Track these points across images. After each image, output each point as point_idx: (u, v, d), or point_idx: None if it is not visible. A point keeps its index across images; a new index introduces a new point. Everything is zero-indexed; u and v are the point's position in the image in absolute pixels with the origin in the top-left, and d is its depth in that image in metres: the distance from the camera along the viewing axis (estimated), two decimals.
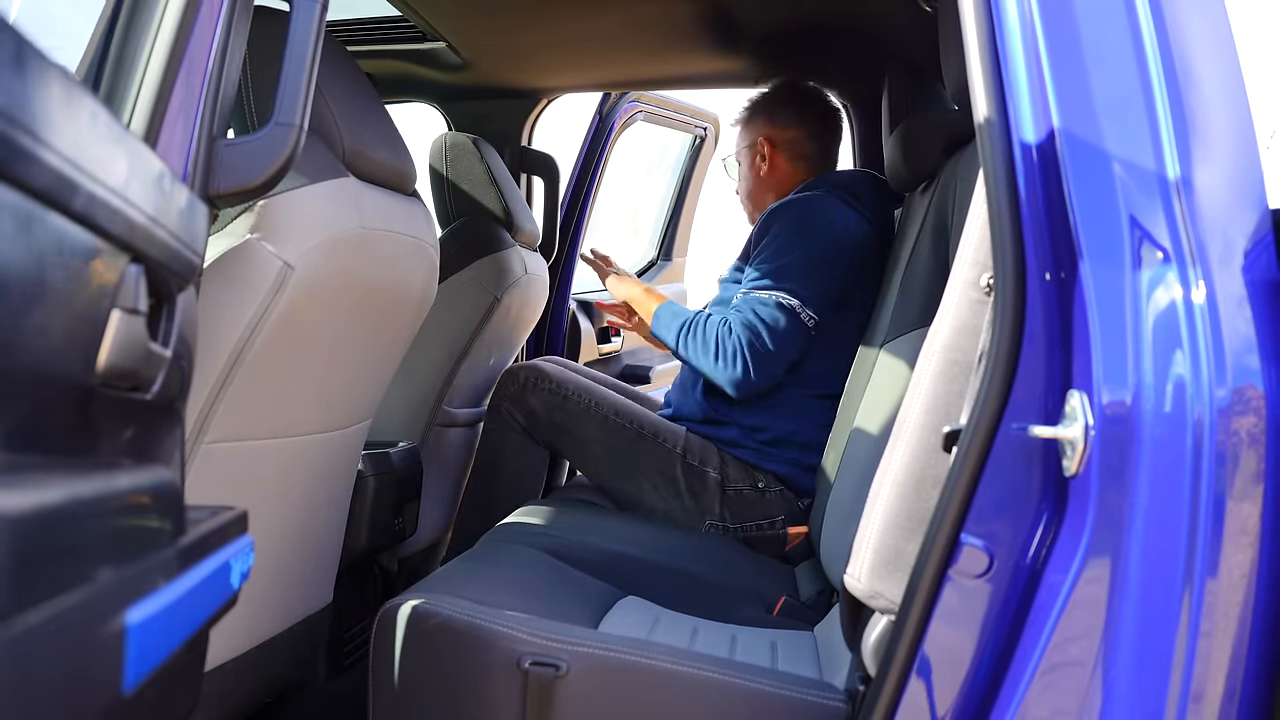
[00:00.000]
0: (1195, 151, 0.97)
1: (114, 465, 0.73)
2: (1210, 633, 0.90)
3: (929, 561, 1.01)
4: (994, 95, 1.02)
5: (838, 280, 2.06)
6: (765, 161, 2.36)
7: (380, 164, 1.45)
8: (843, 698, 1.20)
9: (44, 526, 0.54)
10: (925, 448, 1.09)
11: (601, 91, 3.04)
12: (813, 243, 2.06)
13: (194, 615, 0.79)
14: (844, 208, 2.13)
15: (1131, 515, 0.91)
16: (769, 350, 2.00)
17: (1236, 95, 1.00)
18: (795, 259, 2.05)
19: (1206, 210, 0.95)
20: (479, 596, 1.35)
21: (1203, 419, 0.90)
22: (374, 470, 1.85)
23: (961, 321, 1.09)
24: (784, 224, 2.10)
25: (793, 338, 2.02)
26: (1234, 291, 0.93)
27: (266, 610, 1.48)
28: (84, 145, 0.61)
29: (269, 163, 1.01)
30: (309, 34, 1.02)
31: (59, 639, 0.55)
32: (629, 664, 1.20)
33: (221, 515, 0.89)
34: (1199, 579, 0.90)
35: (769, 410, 2.09)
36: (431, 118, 2.91)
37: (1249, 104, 0.99)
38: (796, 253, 2.05)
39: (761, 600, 1.71)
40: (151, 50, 0.89)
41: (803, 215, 2.10)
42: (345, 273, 1.33)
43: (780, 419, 2.08)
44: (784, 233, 2.09)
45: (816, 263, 2.05)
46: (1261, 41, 1.48)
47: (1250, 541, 0.91)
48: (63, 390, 0.66)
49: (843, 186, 2.20)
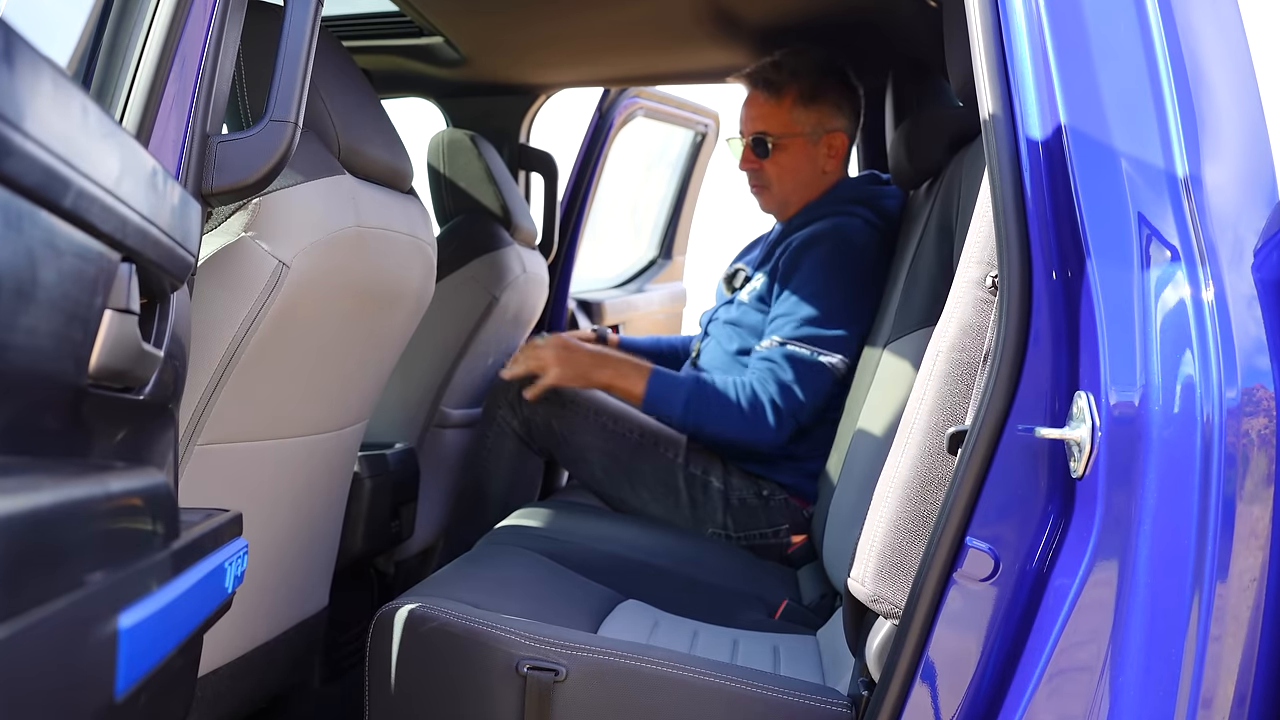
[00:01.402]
0: (1205, 148, 0.96)
1: (106, 467, 0.72)
2: (1220, 637, 0.89)
3: (933, 565, 1.00)
4: (1000, 91, 1.01)
5: (872, 310, 1.98)
6: (833, 157, 2.14)
7: (376, 161, 1.44)
8: (846, 703, 1.18)
9: (35, 529, 0.53)
10: (930, 449, 1.08)
11: (601, 87, 3.02)
12: (850, 278, 1.97)
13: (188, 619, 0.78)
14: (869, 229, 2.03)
15: (1140, 518, 0.90)
16: (801, 405, 1.95)
17: (1248, 91, 0.99)
18: (836, 304, 1.95)
19: (1216, 208, 0.94)
20: (477, 600, 1.34)
21: (1212, 420, 0.89)
22: (370, 472, 1.83)
23: (967, 321, 1.08)
24: (821, 256, 1.98)
25: (825, 391, 1.96)
26: (1244, 291, 0.92)
27: (261, 614, 1.47)
28: (75, 142, 0.60)
29: (264, 160, 1.00)
30: (304, 29, 1.01)
31: (50, 643, 0.54)
32: (629, 668, 1.19)
33: (216, 518, 0.88)
34: (1209, 582, 0.89)
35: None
36: (429, 114, 2.89)
37: (1261, 100, 0.98)
38: (836, 296, 1.96)
39: (763, 604, 1.70)
40: (144, 45, 0.88)
41: (841, 247, 1.99)
42: (341, 272, 1.31)
43: (791, 440, 2.03)
44: (822, 268, 1.97)
45: (856, 298, 1.97)
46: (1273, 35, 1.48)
47: (1261, 544, 0.90)
48: (54, 391, 0.65)
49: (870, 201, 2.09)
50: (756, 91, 2.14)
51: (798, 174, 2.13)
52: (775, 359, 1.96)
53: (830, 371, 1.95)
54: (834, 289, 1.96)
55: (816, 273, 1.98)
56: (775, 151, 2.12)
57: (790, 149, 2.12)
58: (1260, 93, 0.99)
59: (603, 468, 2.11)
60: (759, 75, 2.13)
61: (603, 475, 2.12)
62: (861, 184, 2.16)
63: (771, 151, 2.12)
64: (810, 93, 2.10)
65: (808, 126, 2.11)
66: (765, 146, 2.12)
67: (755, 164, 2.15)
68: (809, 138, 2.11)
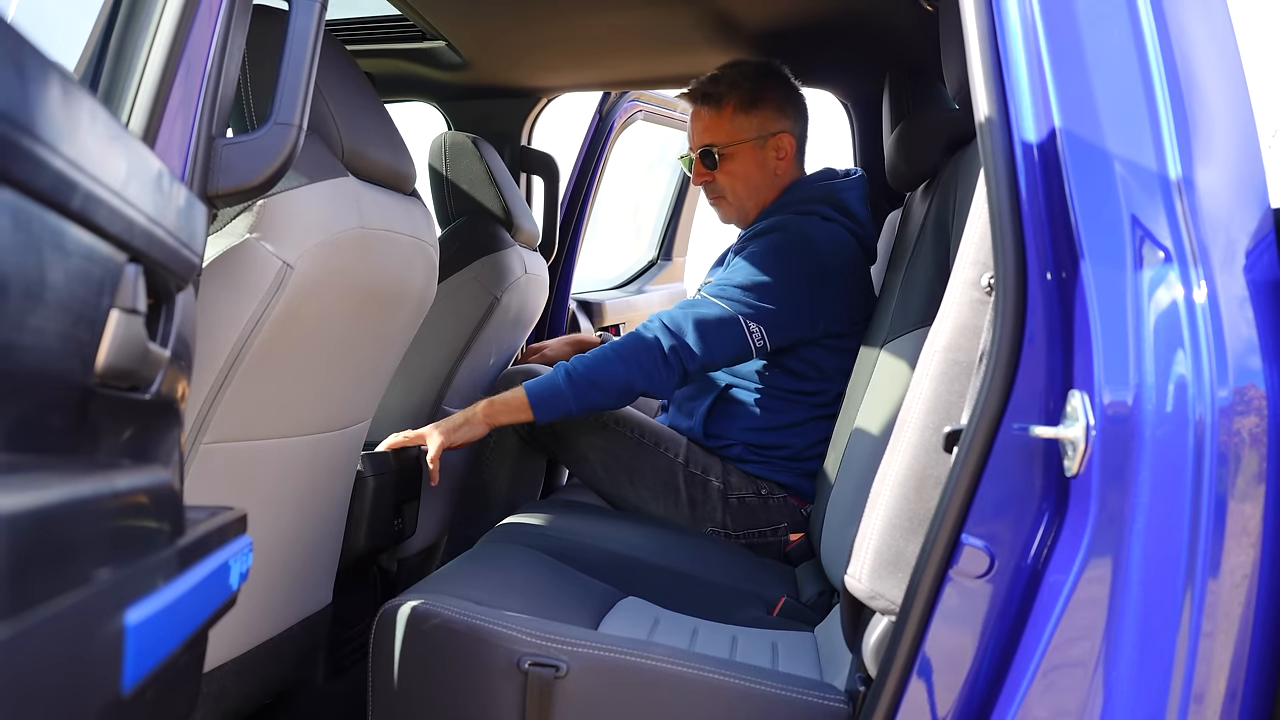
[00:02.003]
0: (1197, 151, 0.96)
1: (112, 465, 0.73)
2: (1212, 633, 0.90)
3: (930, 562, 1.00)
4: (995, 94, 1.01)
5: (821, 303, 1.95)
6: (782, 159, 2.14)
7: (379, 163, 1.45)
8: (843, 699, 1.19)
9: (42, 526, 0.54)
10: (926, 448, 1.09)
11: (602, 91, 3.03)
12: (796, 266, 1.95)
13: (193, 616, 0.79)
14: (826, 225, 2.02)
15: (1133, 515, 0.91)
16: (686, 347, 1.90)
17: (1238, 94, 1.00)
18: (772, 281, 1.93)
19: (1208, 210, 0.95)
20: (479, 597, 1.34)
21: (1204, 419, 0.90)
22: (373, 470, 1.84)
23: (962, 321, 1.09)
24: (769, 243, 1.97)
25: (727, 347, 1.92)
26: (1236, 292, 0.93)
27: (265, 611, 1.48)
28: (82, 144, 0.61)
29: (268, 162, 1.00)
30: (308, 33, 1.02)
31: (57, 640, 0.55)
32: (629, 665, 1.20)
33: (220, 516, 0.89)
34: (1200, 579, 0.90)
35: (777, 431, 2.06)
36: (431, 117, 2.90)
37: (1251, 103, 0.99)
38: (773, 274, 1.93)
39: (762, 601, 1.70)
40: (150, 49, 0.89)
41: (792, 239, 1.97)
42: (344, 273, 1.32)
43: (788, 436, 2.05)
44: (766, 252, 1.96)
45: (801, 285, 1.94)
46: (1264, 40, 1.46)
47: (1252, 542, 0.90)
48: (61, 390, 0.65)
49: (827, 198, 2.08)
50: (698, 106, 2.16)
51: (749, 180, 2.14)
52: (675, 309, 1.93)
53: (738, 327, 1.91)
54: (772, 268, 1.94)
55: (759, 255, 1.97)
56: (724, 161, 2.14)
57: (737, 157, 2.13)
58: (1251, 96, 0.99)
59: (603, 466, 2.12)
60: (698, 90, 2.15)
61: (603, 474, 2.13)
62: (815, 181, 2.15)
63: (720, 161, 2.14)
64: (750, 99, 2.12)
65: (751, 132, 2.12)
66: (713, 158, 2.14)
67: (708, 176, 2.17)
68: (755, 143, 2.12)
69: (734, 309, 1.93)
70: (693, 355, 1.91)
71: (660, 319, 1.94)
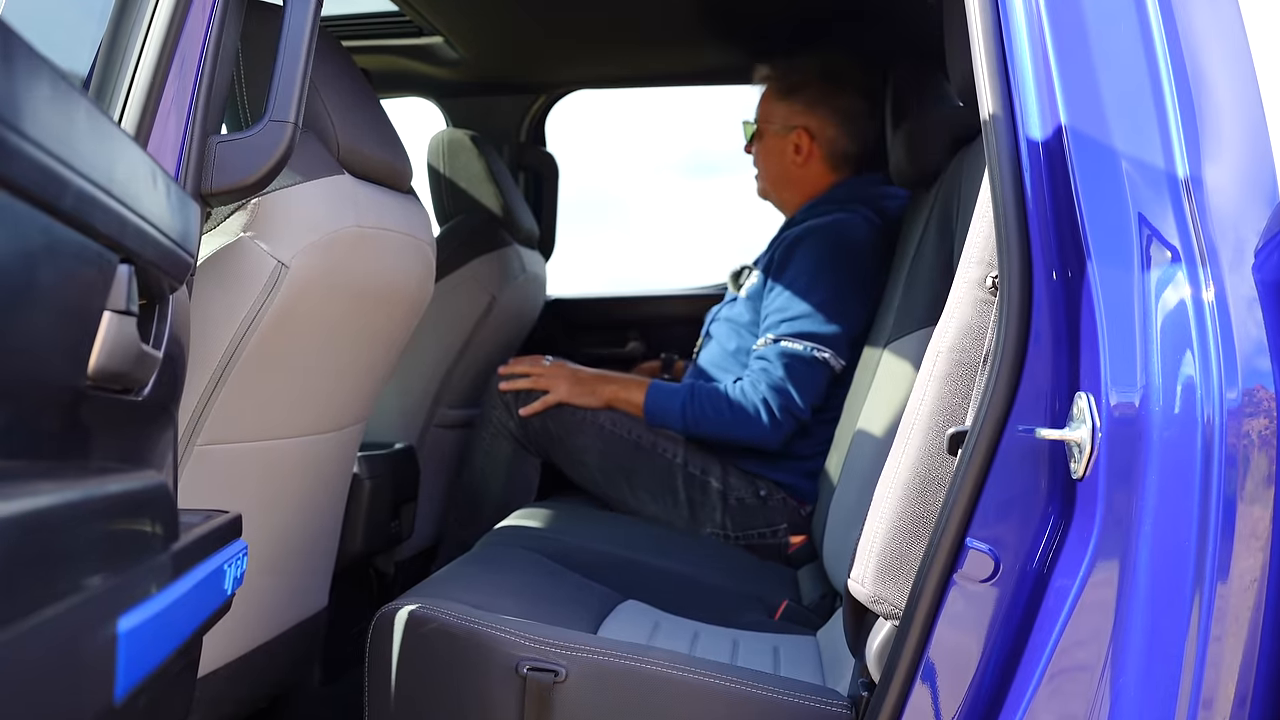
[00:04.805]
0: (1205, 149, 0.95)
1: (105, 469, 0.72)
2: (1220, 637, 0.89)
3: (934, 566, 0.99)
4: (1000, 91, 1.01)
5: (868, 309, 1.99)
6: (801, 155, 2.16)
7: (376, 161, 1.44)
8: (846, 704, 1.18)
9: (33, 532, 0.53)
10: (930, 450, 1.08)
11: (601, 88, 3.02)
12: (844, 275, 1.98)
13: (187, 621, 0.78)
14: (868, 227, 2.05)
15: (1140, 518, 0.90)
16: (795, 402, 1.96)
17: (1248, 91, 0.99)
18: (828, 299, 1.97)
19: (1217, 209, 0.94)
20: (476, 600, 1.33)
21: (1213, 421, 0.89)
22: (370, 472, 1.83)
23: (967, 322, 1.08)
24: (814, 251, 2.00)
25: (822, 387, 1.98)
26: (1244, 292, 0.92)
27: (261, 615, 1.47)
28: (74, 143, 0.60)
29: (263, 160, 1.00)
30: (303, 29, 1.01)
31: (49, 646, 0.54)
32: (629, 669, 1.19)
33: (215, 519, 0.88)
34: (1209, 583, 0.89)
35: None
36: (429, 114, 2.89)
37: (1261, 100, 0.98)
38: (828, 291, 1.97)
39: (763, 605, 1.70)
40: (143, 45, 0.88)
41: (835, 243, 2.01)
42: (340, 272, 1.31)
43: (790, 440, 2.03)
44: (813, 263, 1.99)
45: (850, 295, 1.98)
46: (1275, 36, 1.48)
47: (1261, 545, 0.89)
48: (52, 393, 0.65)
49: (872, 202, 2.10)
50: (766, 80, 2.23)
51: (769, 166, 2.20)
52: (769, 358, 1.98)
53: (824, 367, 1.97)
54: (825, 284, 1.99)
55: (808, 268, 2.00)
56: (755, 139, 2.21)
57: (764, 139, 2.19)
58: (1260, 93, 0.98)
59: (600, 469, 2.11)
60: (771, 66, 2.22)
61: (600, 476, 2.11)
62: (864, 184, 2.17)
63: (753, 138, 2.22)
64: (786, 88, 2.16)
65: (776, 120, 2.17)
66: (751, 131, 2.22)
67: (748, 147, 2.25)
68: (777, 131, 2.17)
69: (807, 349, 1.97)
70: (802, 409, 1.97)
71: (765, 382, 1.97)
